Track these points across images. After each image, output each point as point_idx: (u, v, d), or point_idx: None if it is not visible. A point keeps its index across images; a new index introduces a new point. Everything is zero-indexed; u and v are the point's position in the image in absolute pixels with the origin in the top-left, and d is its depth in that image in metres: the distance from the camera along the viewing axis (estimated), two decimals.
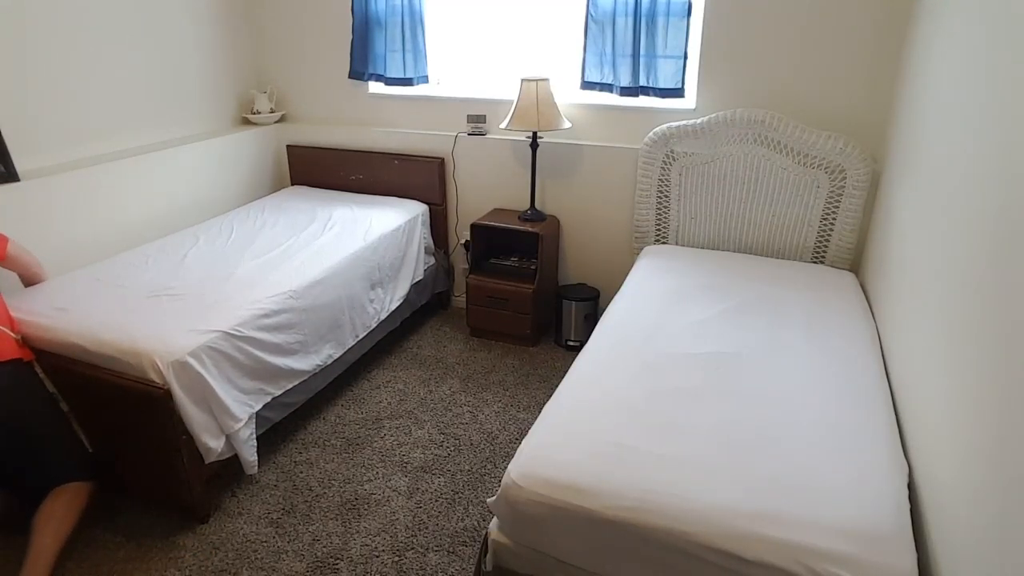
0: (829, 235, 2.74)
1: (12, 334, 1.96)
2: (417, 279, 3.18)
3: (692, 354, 2.00)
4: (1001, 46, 1.46)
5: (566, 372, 1.97)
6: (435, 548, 1.98)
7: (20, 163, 2.45)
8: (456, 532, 2.04)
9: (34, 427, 1.89)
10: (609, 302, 2.47)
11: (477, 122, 3.25)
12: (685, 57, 2.74)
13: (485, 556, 1.61)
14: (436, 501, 2.17)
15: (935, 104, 1.95)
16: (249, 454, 2.13)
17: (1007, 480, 1.07)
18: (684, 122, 2.80)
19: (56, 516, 1.84)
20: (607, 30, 2.82)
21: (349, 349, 2.68)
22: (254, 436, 2.16)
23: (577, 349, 3.04)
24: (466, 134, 3.28)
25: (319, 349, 2.49)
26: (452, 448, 2.43)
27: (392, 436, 2.50)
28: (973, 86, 1.62)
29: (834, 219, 2.71)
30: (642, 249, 2.98)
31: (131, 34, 2.89)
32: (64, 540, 1.84)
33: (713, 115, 2.74)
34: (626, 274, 2.73)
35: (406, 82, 3.26)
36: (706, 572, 1.35)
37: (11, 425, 1.84)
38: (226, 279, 2.39)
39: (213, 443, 1.99)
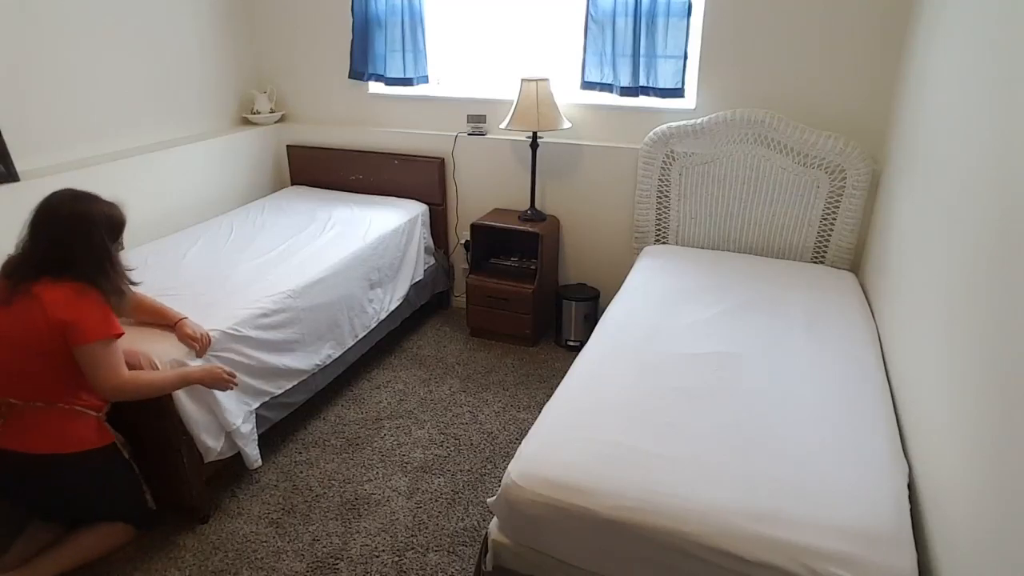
0: (829, 235, 2.74)
1: (94, 413, 1.80)
2: (417, 279, 3.18)
3: (692, 354, 2.00)
4: (1001, 46, 1.46)
5: (566, 372, 1.97)
6: (435, 548, 1.98)
7: (20, 163, 2.45)
8: (456, 532, 2.04)
9: (105, 502, 1.89)
10: (609, 302, 2.46)
11: (477, 122, 3.25)
12: (685, 57, 2.74)
13: (485, 556, 1.61)
14: (436, 501, 2.17)
15: (935, 104, 1.95)
16: (251, 449, 2.13)
17: (1007, 480, 1.07)
18: (684, 122, 2.80)
19: (84, 543, 1.85)
20: (607, 30, 2.82)
21: (349, 349, 2.68)
22: (255, 431, 2.16)
23: (577, 349, 3.04)
24: (466, 134, 3.28)
25: (318, 349, 2.49)
26: (452, 448, 2.43)
27: (392, 436, 2.50)
28: (973, 86, 1.62)
29: (834, 219, 2.71)
30: (642, 249, 2.98)
31: (131, 34, 2.89)
32: (81, 562, 1.85)
33: (713, 115, 2.74)
34: (626, 274, 2.73)
35: (406, 82, 3.25)
36: (706, 572, 1.35)
37: (81, 504, 1.86)
38: (225, 279, 2.39)
39: (212, 442, 1.99)
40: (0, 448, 1.73)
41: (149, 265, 2.50)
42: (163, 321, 2.01)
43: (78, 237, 1.71)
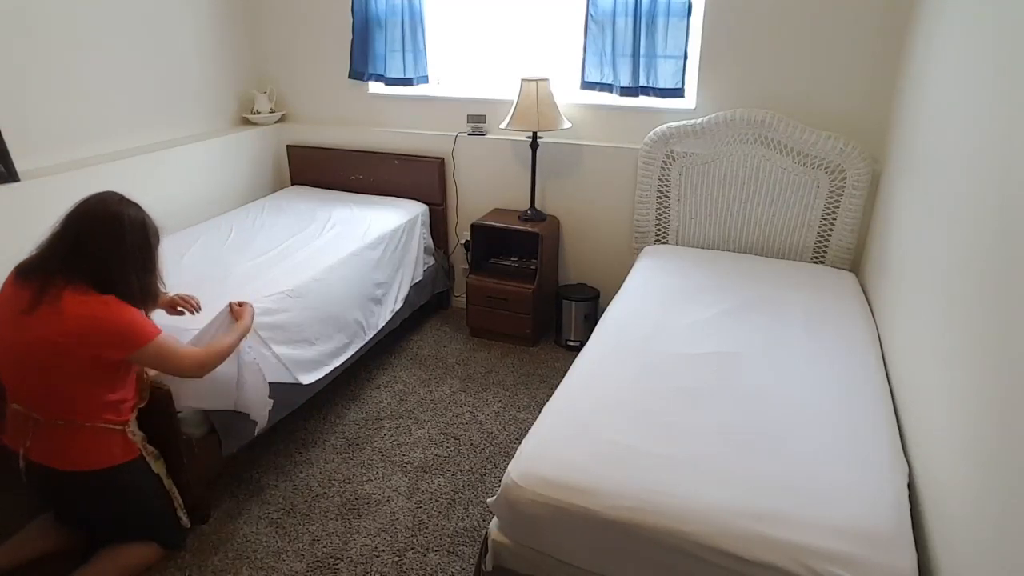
0: (829, 235, 2.74)
1: (119, 427, 1.74)
2: (417, 279, 3.18)
3: (692, 354, 2.00)
4: (1001, 46, 1.46)
5: (566, 372, 1.97)
6: (435, 548, 1.98)
7: (20, 163, 2.45)
8: (456, 532, 2.04)
9: (134, 519, 1.85)
10: (609, 302, 2.47)
11: (477, 122, 3.25)
12: (685, 57, 2.74)
13: (485, 556, 1.61)
14: (436, 501, 2.17)
15: (935, 104, 1.95)
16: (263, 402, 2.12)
17: (1007, 480, 1.07)
18: (684, 122, 2.80)
19: (104, 568, 1.79)
20: (607, 30, 2.82)
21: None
22: (268, 399, 2.13)
23: (577, 349, 3.04)
24: (466, 134, 3.28)
25: (318, 347, 2.48)
26: (452, 448, 2.43)
27: (392, 436, 2.50)
28: (973, 86, 1.62)
29: (834, 219, 2.71)
30: (642, 249, 2.98)
31: (131, 34, 2.89)
32: None
33: (713, 115, 2.74)
34: (626, 274, 2.73)
35: (406, 82, 3.25)
36: (706, 572, 1.35)
37: (111, 521, 1.81)
38: (224, 278, 2.39)
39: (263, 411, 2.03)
40: (32, 462, 1.68)
41: None
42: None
43: (112, 239, 1.63)
